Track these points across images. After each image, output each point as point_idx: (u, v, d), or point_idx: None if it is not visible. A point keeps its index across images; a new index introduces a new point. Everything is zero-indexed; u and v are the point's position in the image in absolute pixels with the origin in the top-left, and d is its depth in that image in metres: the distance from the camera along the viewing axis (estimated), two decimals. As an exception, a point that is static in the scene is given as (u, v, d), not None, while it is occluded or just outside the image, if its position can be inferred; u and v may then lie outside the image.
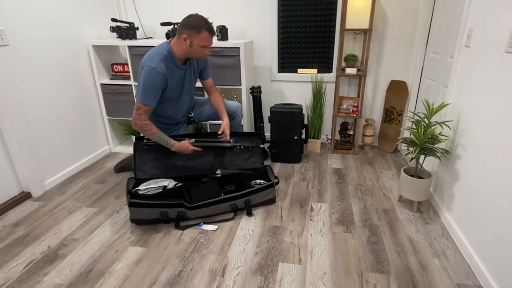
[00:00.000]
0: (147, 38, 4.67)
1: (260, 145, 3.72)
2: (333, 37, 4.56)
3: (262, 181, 3.63)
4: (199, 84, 4.09)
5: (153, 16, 4.84)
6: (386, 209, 3.34)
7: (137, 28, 4.45)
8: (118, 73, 4.50)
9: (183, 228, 3.07)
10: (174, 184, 3.38)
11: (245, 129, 4.37)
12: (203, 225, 3.10)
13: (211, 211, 3.21)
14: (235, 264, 2.63)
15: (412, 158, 3.06)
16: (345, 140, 4.83)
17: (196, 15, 3.00)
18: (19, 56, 3.41)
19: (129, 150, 4.84)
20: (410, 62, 4.45)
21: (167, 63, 3.11)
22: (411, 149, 3.08)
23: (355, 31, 4.44)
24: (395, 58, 4.48)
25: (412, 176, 3.23)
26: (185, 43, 3.05)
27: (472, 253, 2.59)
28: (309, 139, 4.73)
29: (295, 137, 4.29)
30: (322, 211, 3.33)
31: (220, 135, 3.53)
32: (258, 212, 3.32)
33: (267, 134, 4.99)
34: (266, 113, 5.04)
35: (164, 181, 3.38)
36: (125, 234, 3.02)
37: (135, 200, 2.99)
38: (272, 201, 3.47)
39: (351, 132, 4.86)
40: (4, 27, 3.25)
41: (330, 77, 4.74)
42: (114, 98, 4.51)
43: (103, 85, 4.48)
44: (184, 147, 3.34)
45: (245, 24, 4.66)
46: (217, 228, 3.07)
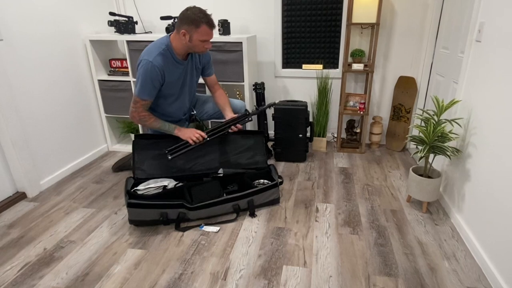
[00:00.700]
0: (146, 33, 4.68)
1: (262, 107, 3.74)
2: (339, 32, 4.56)
3: (266, 181, 3.63)
4: (201, 81, 4.10)
5: (153, 10, 4.84)
6: (394, 210, 3.34)
7: (136, 22, 4.46)
8: (116, 69, 4.51)
9: (184, 230, 3.07)
10: (175, 184, 3.39)
11: (248, 127, 4.37)
12: (205, 227, 3.11)
13: (213, 212, 3.21)
14: (238, 267, 2.63)
15: (421, 157, 3.06)
16: (352, 139, 4.83)
17: (194, 8, 2.99)
18: (13, 52, 3.41)
19: (128, 149, 4.85)
20: (419, 58, 4.45)
21: (165, 58, 3.11)
22: (420, 148, 3.08)
23: (362, 25, 4.43)
24: (404, 53, 4.48)
25: (421, 176, 3.23)
26: (185, 39, 3.04)
27: (484, 256, 2.58)
28: (314, 138, 4.73)
29: (300, 135, 4.29)
30: (328, 212, 3.33)
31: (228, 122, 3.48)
32: (262, 213, 3.32)
33: (271, 132, 5.00)
34: (270, 111, 5.04)
35: (164, 181, 3.38)
36: (124, 236, 3.02)
37: (134, 201, 2.98)
38: (276, 202, 3.47)
39: (358, 130, 4.86)
40: (-1, 22, 3.27)
41: (336, 73, 4.74)
42: (112, 95, 4.51)
43: (101, 81, 4.48)
44: (188, 130, 3.33)
45: (248, 18, 4.67)
46: (219, 230, 3.07)
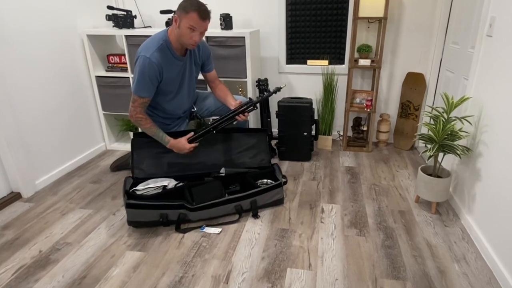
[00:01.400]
0: (146, 27, 4.68)
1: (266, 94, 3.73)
2: (346, 26, 4.56)
3: (269, 181, 3.64)
4: (200, 77, 4.10)
5: (152, 4, 4.85)
6: (402, 211, 3.34)
7: (135, 16, 4.46)
8: (115, 65, 4.51)
9: (184, 231, 3.08)
10: (175, 184, 3.39)
11: (251, 125, 4.38)
12: (206, 228, 3.11)
13: (215, 213, 3.21)
14: (240, 270, 2.64)
15: (430, 156, 3.06)
16: (358, 137, 4.82)
17: None
18: (8, 47, 3.42)
19: (126, 147, 4.85)
20: (428, 53, 4.44)
21: (163, 53, 3.11)
22: (429, 146, 3.08)
23: (369, 20, 4.43)
24: (412, 49, 4.47)
25: (430, 175, 3.23)
26: (175, 25, 3.04)
27: (495, 258, 2.58)
28: (320, 136, 4.73)
29: (305, 134, 4.29)
30: (334, 213, 3.33)
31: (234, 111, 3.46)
32: (265, 214, 3.33)
33: (275, 130, 5.00)
34: (274, 108, 5.04)
35: (164, 181, 3.39)
36: (122, 238, 3.03)
37: (133, 201, 2.99)
38: (280, 202, 3.47)
39: (365, 128, 4.86)
40: (-7, 16, 3.28)
41: (342, 69, 4.74)
42: (110, 92, 4.52)
43: (99, 78, 4.49)
44: (180, 145, 3.36)
45: (251, 12, 4.67)
46: (221, 231, 3.08)
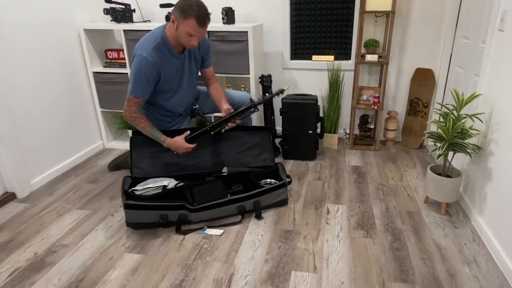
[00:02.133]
0: (145, 21, 4.68)
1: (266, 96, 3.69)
2: (352, 20, 4.55)
3: (273, 181, 3.64)
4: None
5: (151, -3, 4.87)
6: (411, 212, 3.34)
7: (134, 10, 4.46)
8: (113, 60, 4.52)
9: (185, 233, 3.09)
10: (175, 184, 3.40)
11: (254, 123, 4.38)
12: (207, 230, 3.12)
13: (216, 214, 3.22)
14: (243, 273, 2.64)
15: (440, 155, 3.06)
16: (365, 135, 4.82)
17: (194, 0, 2.94)
18: (2, 43, 3.42)
19: (125, 146, 4.85)
20: (438, 48, 4.43)
21: (161, 52, 3.11)
22: (439, 145, 3.07)
23: (377, 14, 4.42)
24: (421, 44, 4.47)
25: (440, 175, 3.23)
26: (173, 26, 3.03)
27: (507, 261, 2.58)
28: (325, 134, 4.73)
29: (310, 132, 4.29)
30: (340, 214, 3.33)
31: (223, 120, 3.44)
32: (269, 215, 3.33)
33: (279, 128, 4.99)
34: (277, 105, 5.03)
35: (164, 181, 3.39)
36: (121, 240, 3.04)
37: (132, 202, 2.99)
38: (284, 203, 3.48)
39: (372, 126, 4.85)
40: (-13, 10, 3.29)
41: (349, 65, 4.74)
42: (108, 88, 4.53)
43: (96, 74, 4.49)
44: (177, 144, 3.33)
45: (254, 6, 4.66)
46: (223, 233, 3.08)
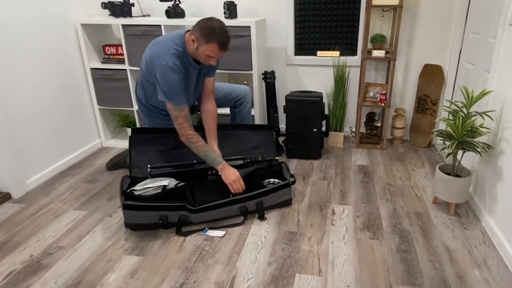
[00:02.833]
0: (144, 16, 4.69)
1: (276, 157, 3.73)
2: (358, 15, 4.55)
3: (276, 180, 3.65)
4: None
5: (151, -9, 4.87)
6: (419, 213, 3.34)
7: (133, 4, 4.47)
8: (111, 56, 4.53)
9: (186, 234, 3.09)
10: (175, 184, 3.40)
11: (257, 121, 4.38)
12: (209, 231, 3.12)
13: (218, 215, 3.22)
14: (245, 276, 2.64)
15: (449, 154, 3.06)
16: (372, 133, 4.82)
17: (217, 23, 2.99)
18: (-2, 38, 3.44)
19: (124, 145, 4.86)
20: (447, 44, 4.43)
21: (182, 61, 3.12)
22: (448, 144, 3.07)
23: (384, 8, 4.42)
24: (429, 39, 4.46)
25: (449, 175, 3.22)
26: (193, 45, 3.05)
27: (519, 264, 2.58)
28: (330, 132, 4.73)
29: (314, 130, 4.29)
30: (345, 215, 3.33)
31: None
32: (272, 216, 3.33)
33: (282, 127, 5.00)
34: (281, 102, 5.03)
35: (164, 180, 3.39)
36: (119, 241, 3.04)
37: (131, 202, 2.99)
38: (288, 203, 3.48)
39: (379, 124, 4.85)
40: (-19, 5, 3.29)
41: (355, 61, 4.74)
42: (106, 85, 4.53)
43: (94, 70, 4.50)
44: (231, 172, 3.30)
45: (257, 0, 4.67)
46: (225, 234, 3.09)
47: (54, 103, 4.08)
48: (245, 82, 4.60)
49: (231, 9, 4.17)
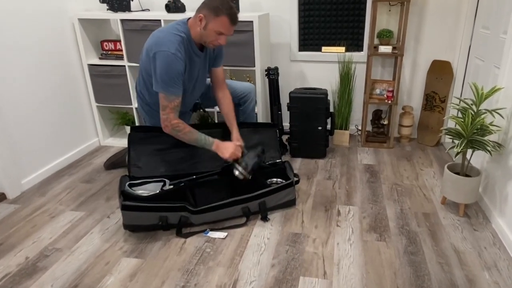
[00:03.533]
0: (143, 10, 4.69)
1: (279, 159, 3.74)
2: (364, 9, 4.55)
3: (280, 180, 3.65)
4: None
5: (150, -15, 4.87)
6: (427, 213, 3.34)
7: (131, -1, 4.49)
8: (109, 52, 4.54)
9: (186, 236, 3.09)
10: (171, 184, 3.41)
11: (260, 119, 4.39)
12: (210, 232, 3.12)
13: (220, 216, 3.22)
14: (248, 279, 2.65)
15: (458, 153, 3.05)
16: (378, 131, 4.82)
17: None
18: (-7, 33, 3.45)
19: (122, 143, 4.86)
20: (455, 39, 4.42)
21: (186, 48, 3.11)
22: (457, 142, 3.07)
23: (391, 2, 4.41)
24: (438, 34, 4.46)
25: (458, 174, 3.22)
26: (200, 24, 3.04)
27: (530, 266, 2.58)
28: (336, 130, 4.73)
29: (319, 128, 4.29)
30: (351, 216, 3.33)
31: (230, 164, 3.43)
32: (275, 217, 3.33)
33: (286, 124, 4.99)
34: (285, 99, 5.03)
35: (158, 184, 3.40)
36: (117, 243, 3.04)
37: (129, 203, 2.99)
38: (292, 204, 3.48)
39: (385, 122, 4.85)
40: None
41: (361, 57, 4.74)
42: (105, 82, 4.54)
43: (91, 66, 4.51)
44: (227, 144, 3.29)
45: (259, -6, 4.68)
46: (227, 236, 3.09)
47: (51, 101, 4.09)
48: (248, 79, 4.59)
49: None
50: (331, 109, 4.91)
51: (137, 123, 4.72)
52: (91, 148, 4.78)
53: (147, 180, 3.41)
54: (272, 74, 4.29)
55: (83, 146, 4.64)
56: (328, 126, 4.41)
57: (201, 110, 3.79)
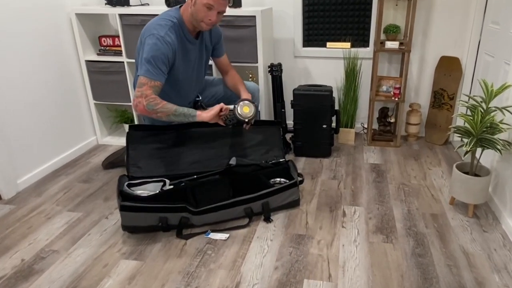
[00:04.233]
0: (143, 5, 4.69)
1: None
2: (370, 4, 4.55)
3: (283, 180, 3.65)
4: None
5: (149, -21, 4.87)
6: (435, 214, 3.34)
7: (130, -7, 4.49)
8: (107, 48, 4.54)
9: (187, 237, 3.09)
10: (171, 184, 3.41)
11: (263, 116, 4.39)
12: (211, 234, 3.12)
13: (221, 217, 3.22)
14: (250, 281, 2.65)
15: (467, 152, 3.05)
16: (385, 130, 4.82)
17: None
18: (-12, 28, 3.45)
19: (121, 142, 4.88)
20: (464, 34, 4.42)
21: (177, 34, 3.12)
22: (466, 141, 3.07)
23: (397, -5, 4.43)
24: (446, 30, 4.45)
25: (467, 174, 3.22)
26: (190, 2, 3.04)
27: (542, 269, 2.58)
28: (341, 128, 4.73)
29: (324, 126, 4.29)
30: (357, 217, 3.33)
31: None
32: (278, 218, 3.33)
33: (290, 123, 5.00)
34: (289, 97, 5.03)
35: (158, 184, 3.40)
36: (116, 245, 3.05)
37: (128, 203, 2.99)
38: (296, 204, 3.48)
39: (392, 120, 4.84)
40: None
41: (367, 53, 4.74)
42: (103, 78, 4.54)
43: (89, 62, 4.51)
44: (209, 112, 3.20)
45: (262, -12, 4.67)
46: (228, 237, 3.09)
47: (47, 98, 4.09)
48: (250, 76, 4.59)
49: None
50: (336, 107, 4.92)
51: (136, 121, 4.73)
52: (89, 147, 4.78)
53: (147, 180, 3.41)
54: (276, 71, 4.29)
55: (81, 145, 4.64)
56: (333, 124, 4.41)
57: (202, 108, 3.79)
